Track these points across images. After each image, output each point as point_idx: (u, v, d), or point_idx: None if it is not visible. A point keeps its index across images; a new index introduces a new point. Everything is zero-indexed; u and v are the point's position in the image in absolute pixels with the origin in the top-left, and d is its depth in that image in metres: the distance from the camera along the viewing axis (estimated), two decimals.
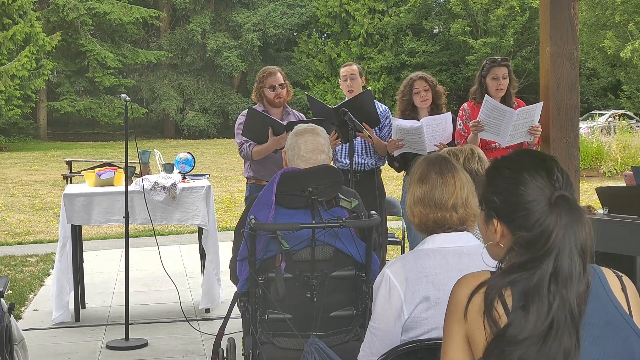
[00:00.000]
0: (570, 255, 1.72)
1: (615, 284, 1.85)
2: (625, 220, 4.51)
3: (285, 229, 3.20)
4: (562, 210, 1.75)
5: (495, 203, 1.86)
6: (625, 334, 1.78)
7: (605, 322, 1.78)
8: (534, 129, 5.03)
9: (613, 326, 1.78)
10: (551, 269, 1.71)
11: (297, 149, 3.51)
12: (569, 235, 1.73)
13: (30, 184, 16.52)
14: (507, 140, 5.06)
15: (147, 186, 5.71)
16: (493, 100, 5.05)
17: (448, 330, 1.85)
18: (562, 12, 5.03)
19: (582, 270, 1.73)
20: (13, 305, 3.65)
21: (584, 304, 1.72)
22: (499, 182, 1.86)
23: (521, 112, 5.00)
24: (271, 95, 5.45)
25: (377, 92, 33.33)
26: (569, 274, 1.71)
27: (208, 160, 22.08)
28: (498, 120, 5.01)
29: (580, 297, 1.71)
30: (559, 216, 1.74)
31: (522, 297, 1.71)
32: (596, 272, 1.84)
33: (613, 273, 1.87)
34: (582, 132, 18.03)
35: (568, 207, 1.76)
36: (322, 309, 3.26)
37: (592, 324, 1.75)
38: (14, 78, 27.97)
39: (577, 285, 1.71)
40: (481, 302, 1.75)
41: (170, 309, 6.11)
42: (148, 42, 37.92)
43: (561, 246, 1.72)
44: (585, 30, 33.01)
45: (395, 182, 13.49)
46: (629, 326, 1.78)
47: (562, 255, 1.71)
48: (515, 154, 1.95)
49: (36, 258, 8.32)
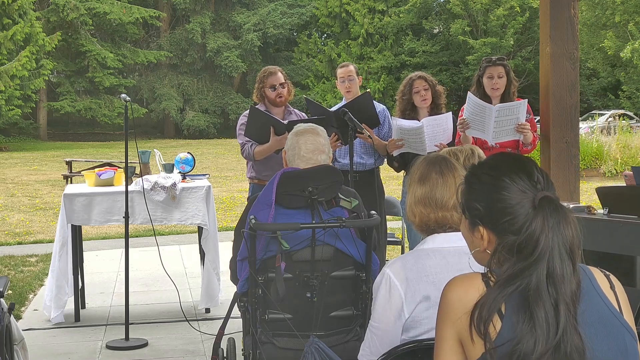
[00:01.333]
0: (560, 256, 1.72)
1: (604, 282, 1.85)
2: (625, 220, 4.50)
3: (285, 229, 3.20)
4: (547, 212, 1.75)
5: (478, 210, 1.85)
6: (618, 330, 1.79)
7: (597, 320, 1.78)
8: (520, 126, 5.02)
9: (605, 323, 1.78)
10: (545, 273, 1.71)
11: (297, 149, 3.51)
12: (557, 236, 1.73)
13: (30, 184, 16.52)
14: (491, 138, 5.05)
15: (147, 186, 5.71)
16: (474, 97, 5.05)
17: (440, 333, 1.84)
18: (562, 12, 5.04)
19: (572, 270, 1.73)
20: (13, 305, 3.65)
21: (577, 302, 1.73)
22: (480, 188, 1.85)
23: (502, 109, 4.99)
24: (272, 94, 5.45)
25: (377, 92, 33.35)
26: (562, 275, 1.71)
27: (208, 160, 22.08)
28: (480, 116, 5.01)
29: (573, 296, 1.72)
30: (545, 218, 1.74)
31: (522, 308, 1.71)
32: (585, 271, 1.84)
33: (601, 272, 1.88)
34: (582, 132, 18.02)
35: (553, 207, 1.75)
36: (322, 309, 3.26)
37: (585, 322, 1.76)
38: (14, 78, 27.98)
39: (569, 285, 1.72)
40: (478, 317, 1.75)
41: (170, 309, 6.11)
42: (148, 42, 37.94)
43: (551, 248, 1.72)
44: (585, 30, 33.02)
45: (395, 182, 13.49)
46: (620, 323, 1.79)
47: (553, 257, 1.72)
48: (491, 159, 1.95)
49: (36, 258, 8.32)
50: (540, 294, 1.69)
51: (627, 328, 1.80)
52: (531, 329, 1.68)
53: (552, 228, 1.73)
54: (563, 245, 1.73)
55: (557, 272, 1.71)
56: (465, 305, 1.77)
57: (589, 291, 1.81)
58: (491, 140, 5.07)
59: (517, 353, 1.67)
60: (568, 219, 1.75)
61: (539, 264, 1.71)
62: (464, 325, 1.77)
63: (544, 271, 1.71)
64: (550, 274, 1.71)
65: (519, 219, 1.77)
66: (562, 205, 1.79)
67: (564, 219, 1.75)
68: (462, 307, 1.78)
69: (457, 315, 1.78)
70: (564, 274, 1.71)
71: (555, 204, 1.76)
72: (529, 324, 1.69)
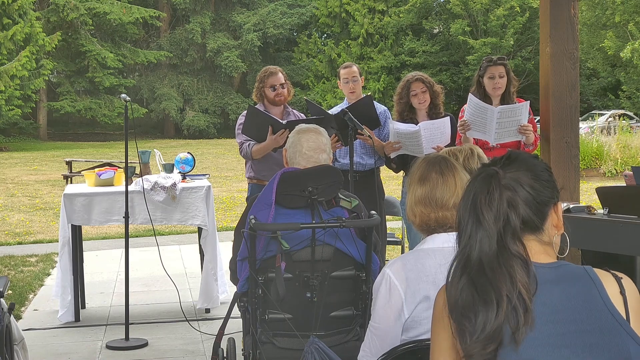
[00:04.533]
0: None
1: (612, 287, 1.78)
2: (625, 220, 4.50)
3: (285, 229, 3.20)
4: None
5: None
6: (621, 340, 1.73)
7: (599, 329, 1.73)
8: (523, 128, 5.02)
9: (608, 333, 1.73)
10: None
11: (299, 146, 3.51)
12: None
13: (30, 184, 16.52)
14: (493, 139, 5.05)
15: (147, 186, 5.71)
16: (475, 98, 5.05)
17: (435, 337, 1.84)
18: (562, 12, 5.04)
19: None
20: (13, 305, 3.65)
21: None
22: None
23: (504, 110, 4.99)
24: (272, 94, 5.46)
25: (377, 92, 33.35)
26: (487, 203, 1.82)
27: (208, 160, 22.08)
28: (482, 118, 5.01)
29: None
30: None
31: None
32: (590, 276, 1.79)
33: (612, 275, 1.81)
34: (582, 132, 18.03)
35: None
36: (322, 309, 3.26)
37: (587, 330, 1.72)
38: (14, 78, 27.97)
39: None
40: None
41: (170, 309, 6.11)
42: (148, 42, 37.94)
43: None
44: (585, 30, 33.02)
45: (395, 182, 13.49)
46: (625, 331, 1.73)
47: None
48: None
49: (36, 258, 8.32)
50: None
51: (632, 336, 1.73)
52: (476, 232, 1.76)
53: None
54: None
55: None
56: None
57: (593, 298, 1.75)
58: (493, 141, 5.07)
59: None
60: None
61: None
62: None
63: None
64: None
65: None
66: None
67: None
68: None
69: (448, 322, 1.78)
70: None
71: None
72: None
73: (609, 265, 1.88)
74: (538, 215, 1.80)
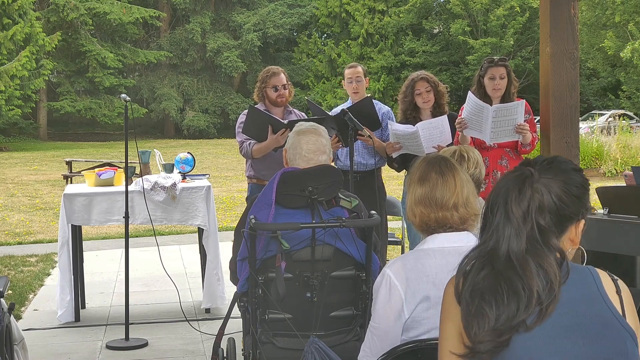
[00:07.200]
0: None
1: (610, 286, 1.86)
2: (625, 220, 4.51)
3: (285, 229, 3.19)
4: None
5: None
6: (619, 334, 1.80)
7: (599, 323, 1.80)
8: (520, 127, 5.02)
9: (607, 327, 1.80)
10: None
11: (298, 148, 3.50)
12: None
13: (30, 184, 16.52)
14: (489, 138, 5.04)
15: (147, 186, 5.71)
16: (474, 97, 5.05)
17: (443, 328, 1.88)
18: (562, 12, 5.03)
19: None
20: (13, 305, 3.65)
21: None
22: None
23: (499, 109, 4.98)
24: (274, 95, 5.46)
25: (377, 92, 33.33)
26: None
27: (208, 160, 22.08)
28: (478, 116, 5.00)
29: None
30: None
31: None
32: (591, 273, 1.86)
33: (608, 276, 1.89)
34: (582, 132, 18.03)
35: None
36: (322, 309, 3.26)
37: (586, 324, 1.79)
38: (14, 78, 27.95)
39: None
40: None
41: (170, 309, 6.11)
42: (148, 42, 37.92)
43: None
44: (585, 30, 33.01)
45: (395, 182, 13.49)
46: (622, 327, 1.81)
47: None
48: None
49: (36, 258, 8.32)
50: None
51: (629, 332, 1.81)
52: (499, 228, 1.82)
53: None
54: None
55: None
56: None
57: (592, 294, 1.83)
58: (489, 140, 5.06)
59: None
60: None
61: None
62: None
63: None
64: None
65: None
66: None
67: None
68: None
69: (456, 311, 1.82)
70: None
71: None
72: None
73: (610, 265, 1.92)
74: (557, 226, 1.84)
